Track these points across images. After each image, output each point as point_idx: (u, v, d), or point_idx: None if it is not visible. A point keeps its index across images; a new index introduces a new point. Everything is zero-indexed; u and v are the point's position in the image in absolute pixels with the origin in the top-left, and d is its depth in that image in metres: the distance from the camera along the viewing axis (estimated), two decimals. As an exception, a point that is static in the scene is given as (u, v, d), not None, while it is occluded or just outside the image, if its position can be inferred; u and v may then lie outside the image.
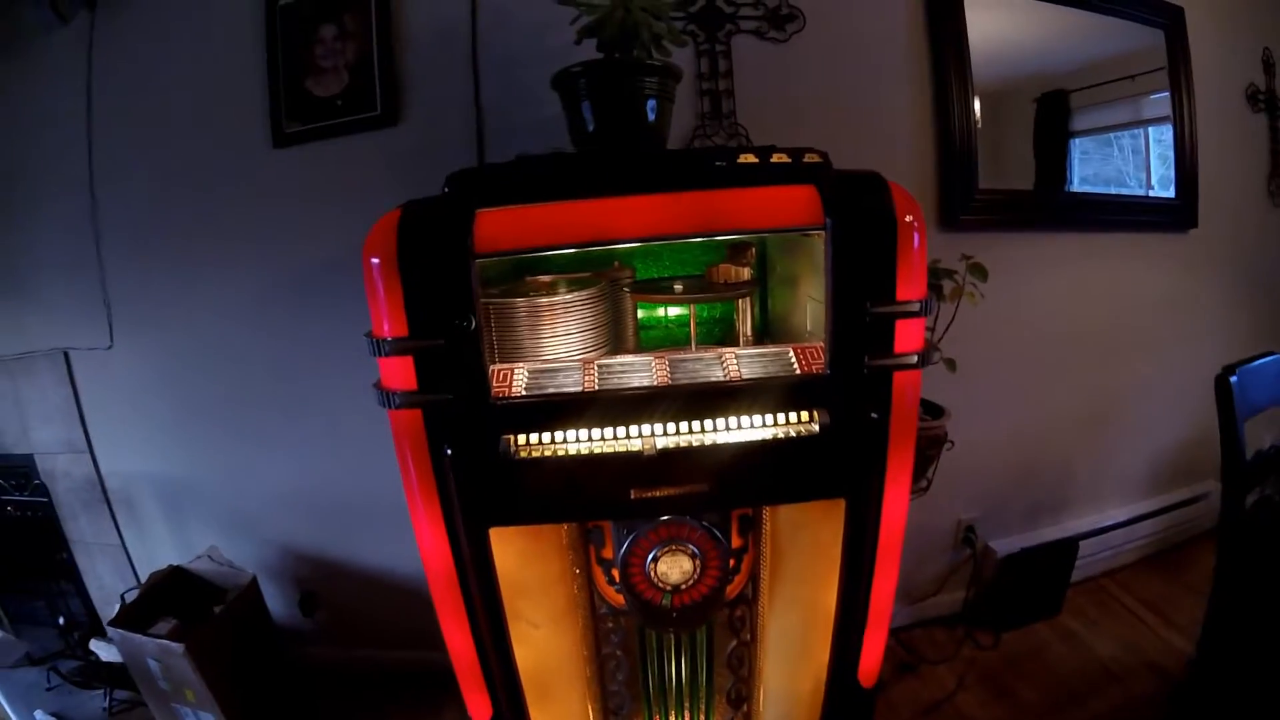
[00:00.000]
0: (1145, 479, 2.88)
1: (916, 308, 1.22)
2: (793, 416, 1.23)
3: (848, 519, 1.31)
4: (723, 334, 1.81)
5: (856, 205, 1.18)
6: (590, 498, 1.23)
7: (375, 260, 1.15)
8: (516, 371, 1.28)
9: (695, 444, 1.21)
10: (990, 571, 2.55)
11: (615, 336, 1.57)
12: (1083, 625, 2.53)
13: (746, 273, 1.54)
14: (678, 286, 1.50)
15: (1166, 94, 2.61)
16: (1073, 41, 2.44)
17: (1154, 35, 2.57)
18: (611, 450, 1.21)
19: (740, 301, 1.60)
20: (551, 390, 1.24)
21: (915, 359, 1.25)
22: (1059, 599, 2.62)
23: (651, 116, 1.50)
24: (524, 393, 1.23)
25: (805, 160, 1.22)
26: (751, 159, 1.20)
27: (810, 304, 1.47)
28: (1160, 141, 2.65)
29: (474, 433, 1.21)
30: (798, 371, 1.26)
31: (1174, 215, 2.69)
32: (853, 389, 1.23)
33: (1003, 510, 2.63)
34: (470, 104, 1.96)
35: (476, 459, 1.21)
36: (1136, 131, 2.67)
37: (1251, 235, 2.92)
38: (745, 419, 1.23)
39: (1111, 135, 2.63)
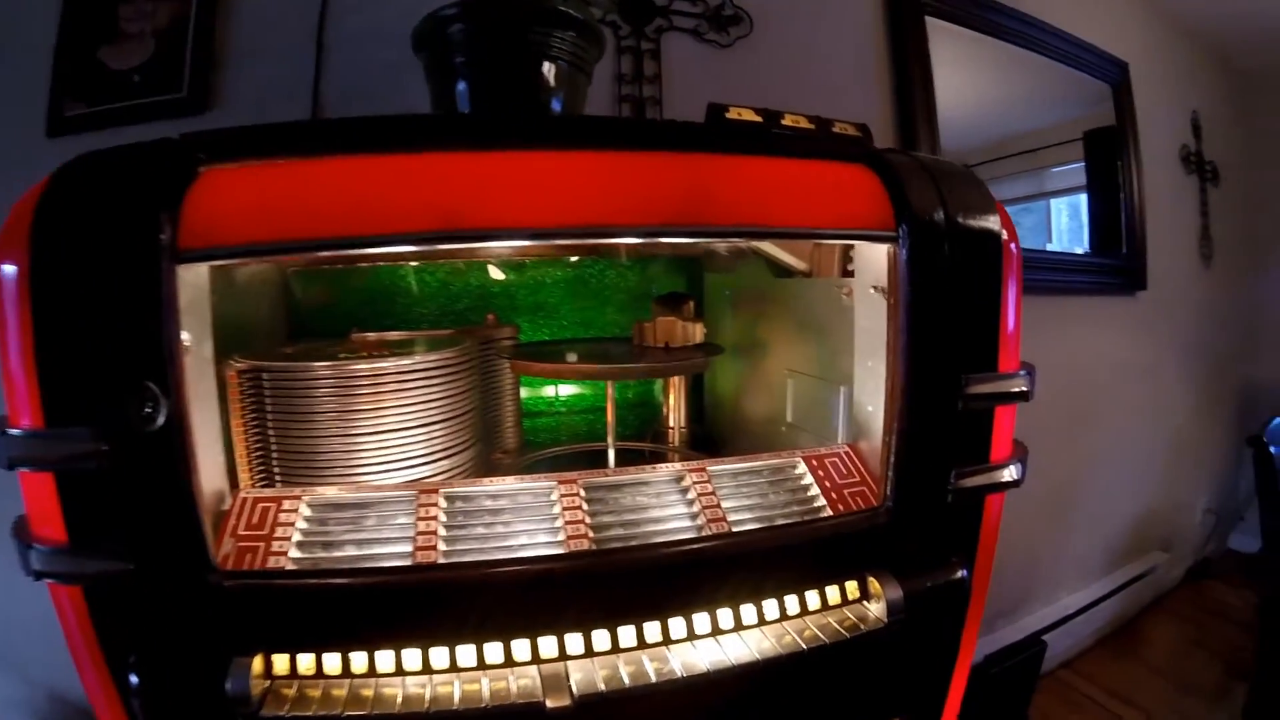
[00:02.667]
0: (1101, 558, 2.47)
1: (1025, 384, 0.61)
2: (831, 594, 0.57)
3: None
4: (639, 426, 1.15)
5: (947, 208, 0.55)
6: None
7: (7, 270, 0.52)
8: (287, 508, 0.58)
9: (650, 677, 0.54)
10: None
11: (484, 436, 0.88)
12: (1056, 732, 2.04)
13: (699, 331, 0.90)
14: (571, 356, 0.84)
15: (1072, 166, 2.32)
16: (993, 112, 2.10)
17: (1069, 109, 2.28)
18: (473, 697, 0.53)
19: (668, 381, 0.97)
20: (350, 552, 0.54)
21: (1017, 470, 0.63)
22: (1026, 704, 2.09)
23: (558, 103, 0.87)
24: (291, 564, 0.53)
25: (836, 130, 0.59)
26: (751, 115, 0.56)
27: (792, 381, 0.86)
28: (1063, 214, 2.40)
29: (180, 644, 0.54)
30: (821, 505, 0.60)
31: (1126, 277, 2.38)
32: (929, 530, 0.59)
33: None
34: (308, 92, 1.27)
35: (185, 699, 0.53)
36: (1040, 205, 2.39)
37: (1187, 297, 2.68)
38: (744, 609, 0.56)
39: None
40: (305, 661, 0.54)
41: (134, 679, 0.53)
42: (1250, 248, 2.93)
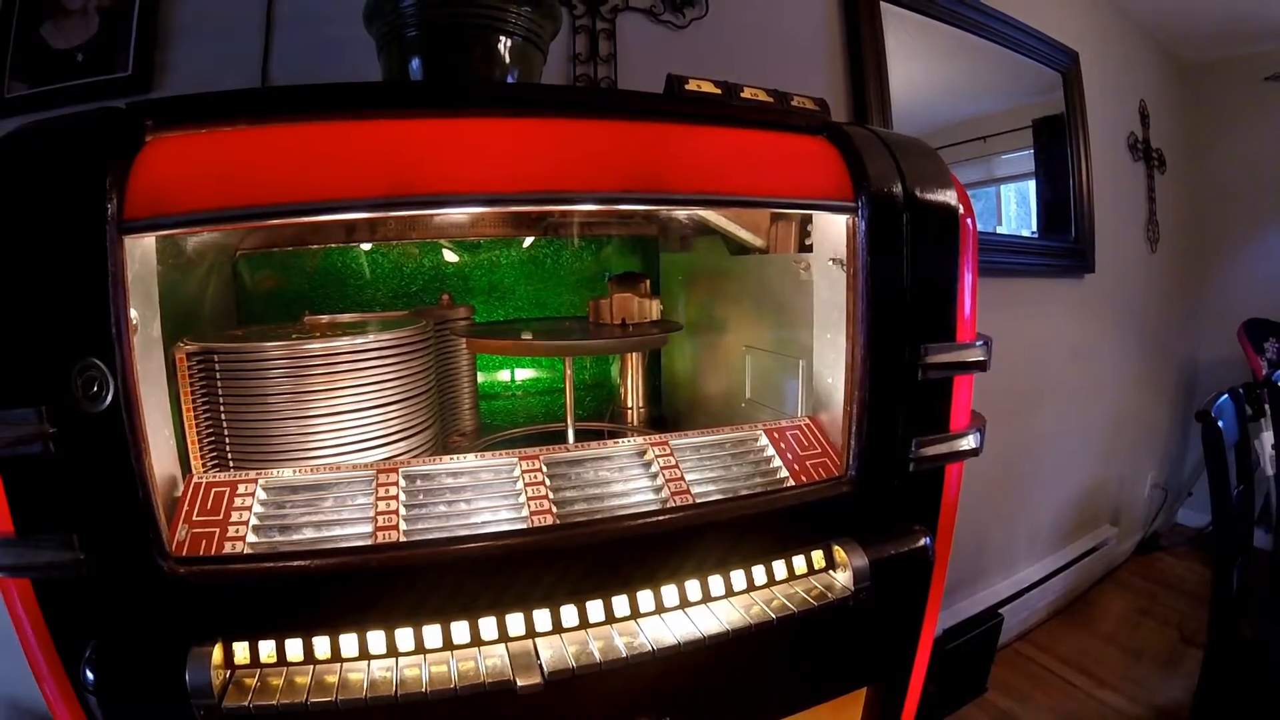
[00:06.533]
0: (1052, 533, 2.54)
1: (983, 354, 0.62)
2: (798, 564, 0.58)
3: (871, 713, 0.68)
4: (596, 408, 1.16)
5: (904, 181, 0.56)
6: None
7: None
8: (242, 492, 0.56)
9: (620, 652, 0.55)
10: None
11: (441, 418, 0.88)
12: (1014, 701, 2.11)
13: (656, 307, 0.90)
14: (527, 334, 0.84)
15: (1021, 153, 2.36)
16: (945, 99, 2.12)
17: (1019, 96, 2.30)
18: (441, 679, 0.52)
19: (625, 359, 0.99)
20: (308, 534, 0.53)
21: (975, 439, 0.64)
22: (984, 676, 2.17)
23: (512, 78, 0.89)
24: (248, 549, 0.52)
25: (794, 105, 0.60)
26: (710, 87, 0.56)
27: (750, 358, 0.88)
28: (1011, 200, 2.43)
29: (136, 635, 0.52)
30: (784, 476, 0.61)
31: (1075, 260, 2.43)
32: (892, 499, 0.62)
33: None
34: (256, 71, 1.24)
35: (144, 693, 0.51)
36: (989, 190, 2.41)
37: (1134, 280, 2.76)
38: (712, 581, 0.56)
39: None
40: (266, 649, 0.53)
41: (89, 675, 0.51)
42: (1194, 233, 3.04)
